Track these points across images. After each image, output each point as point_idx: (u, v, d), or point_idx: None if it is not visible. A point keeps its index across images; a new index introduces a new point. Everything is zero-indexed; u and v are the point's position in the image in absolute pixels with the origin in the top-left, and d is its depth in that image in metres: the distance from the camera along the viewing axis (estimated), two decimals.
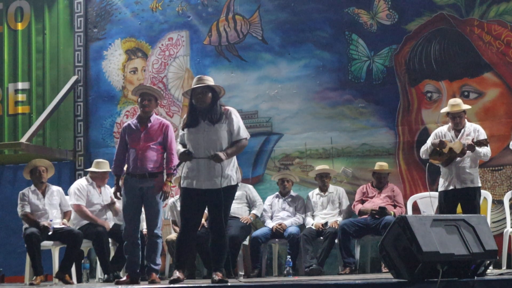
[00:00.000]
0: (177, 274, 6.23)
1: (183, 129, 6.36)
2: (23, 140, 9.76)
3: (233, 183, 6.26)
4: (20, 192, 8.19)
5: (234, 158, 6.33)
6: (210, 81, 6.39)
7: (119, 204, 8.42)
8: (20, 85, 10.75)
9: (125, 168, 7.08)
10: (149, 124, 6.97)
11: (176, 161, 6.80)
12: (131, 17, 10.47)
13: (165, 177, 6.94)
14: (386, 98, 9.25)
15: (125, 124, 7.17)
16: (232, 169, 6.27)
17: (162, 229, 8.84)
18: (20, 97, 10.74)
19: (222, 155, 6.14)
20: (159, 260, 6.98)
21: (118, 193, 7.04)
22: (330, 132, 9.41)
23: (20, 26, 10.87)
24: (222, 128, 6.22)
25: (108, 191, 8.51)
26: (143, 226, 8.77)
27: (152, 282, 6.79)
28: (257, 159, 9.63)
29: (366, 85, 9.36)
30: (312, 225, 8.67)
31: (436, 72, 9.10)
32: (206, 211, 6.47)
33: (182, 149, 6.29)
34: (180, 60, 10.17)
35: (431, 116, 9.01)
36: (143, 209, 7.02)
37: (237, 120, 6.30)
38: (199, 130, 6.23)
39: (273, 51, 9.78)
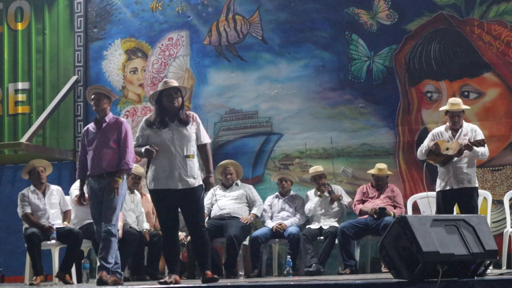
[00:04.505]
0: (167, 277, 6.21)
1: (147, 128, 6.31)
2: (23, 140, 9.76)
3: (200, 182, 6.32)
4: (20, 192, 8.19)
5: (197, 159, 6.38)
6: (176, 83, 6.46)
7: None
8: (20, 85, 10.75)
9: None
10: (104, 124, 6.93)
11: (130, 157, 6.80)
12: (131, 17, 10.47)
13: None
14: (386, 98, 9.25)
15: (84, 128, 7.15)
16: (198, 170, 6.35)
17: (156, 229, 8.90)
18: (20, 97, 10.74)
19: (211, 179, 6.33)
20: (111, 259, 6.76)
21: (81, 199, 6.96)
22: (330, 132, 9.41)
23: (20, 26, 10.87)
24: (192, 130, 6.31)
25: None
26: (144, 226, 8.78)
27: (101, 280, 6.60)
28: (257, 159, 9.63)
29: (366, 85, 9.36)
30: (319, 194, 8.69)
31: (436, 72, 9.10)
32: None
33: (143, 148, 6.26)
34: (180, 60, 10.18)
35: (431, 116, 9.00)
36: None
37: (201, 125, 6.44)
38: (171, 130, 6.26)
39: (273, 51, 9.78)
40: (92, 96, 7.00)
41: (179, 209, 6.37)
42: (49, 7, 10.78)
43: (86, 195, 7.01)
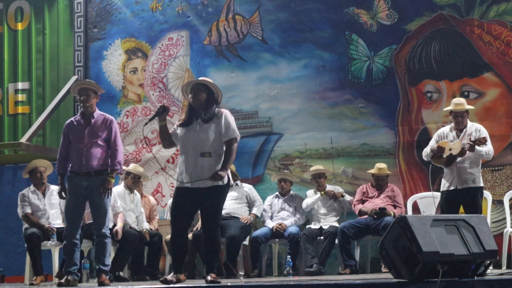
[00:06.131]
0: (169, 276, 6.20)
1: (177, 127, 6.36)
2: (23, 140, 9.76)
3: (220, 183, 6.20)
4: (20, 193, 8.19)
5: (222, 158, 6.27)
6: (209, 81, 6.42)
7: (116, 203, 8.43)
8: (20, 85, 10.75)
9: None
10: (92, 120, 6.81)
11: (121, 157, 6.79)
12: (131, 17, 10.47)
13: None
14: (386, 98, 9.25)
15: (68, 121, 7.01)
16: (217, 169, 6.20)
17: (157, 229, 8.91)
18: (20, 97, 10.74)
19: (222, 173, 6.14)
20: (108, 261, 6.80)
21: (63, 193, 6.83)
22: (330, 132, 9.41)
23: (20, 26, 10.87)
24: (211, 127, 6.22)
25: None
26: (144, 226, 8.78)
27: (102, 284, 6.63)
28: (257, 159, 9.63)
29: (366, 85, 9.36)
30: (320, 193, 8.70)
31: (436, 72, 9.10)
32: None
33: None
34: (180, 60, 10.17)
35: (431, 116, 9.01)
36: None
37: (227, 121, 6.26)
38: (190, 129, 6.26)
39: (273, 51, 9.78)
40: (80, 92, 6.86)
41: (191, 211, 6.32)
42: (49, 7, 10.77)
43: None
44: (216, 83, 9.89)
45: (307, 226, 8.74)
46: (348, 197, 8.80)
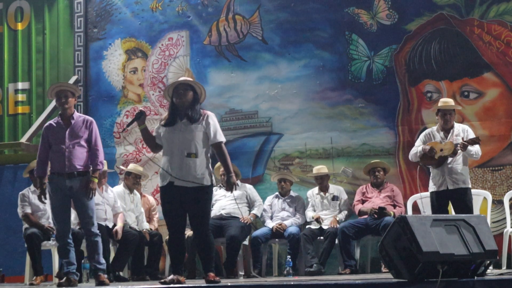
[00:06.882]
0: (170, 277, 6.20)
1: (161, 126, 6.33)
2: (23, 140, 9.77)
3: (205, 183, 6.19)
4: (20, 193, 8.19)
5: (209, 160, 6.29)
6: (195, 81, 6.49)
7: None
8: (20, 85, 10.75)
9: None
10: (72, 122, 6.84)
11: (103, 157, 6.84)
12: (131, 17, 10.47)
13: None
14: (386, 98, 9.25)
15: (47, 124, 7.02)
16: (205, 170, 6.21)
17: (157, 229, 8.91)
18: (20, 97, 10.74)
19: (232, 179, 6.24)
20: (103, 259, 6.86)
21: (43, 196, 6.84)
22: (330, 132, 9.41)
23: (20, 26, 10.87)
24: (198, 129, 6.21)
25: (110, 190, 8.51)
26: (144, 226, 8.78)
27: (101, 283, 6.66)
28: (257, 159, 9.63)
29: (366, 85, 9.37)
30: (312, 217, 8.62)
31: (436, 72, 9.10)
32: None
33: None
34: (180, 60, 10.17)
35: (431, 116, 8.99)
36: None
37: (214, 124, 6.29)
38: (175, 129, 6.23)
39: (273, 51, 9.79)
40: (57, 94, 6.87)
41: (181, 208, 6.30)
42: (49, 7, 10.78)
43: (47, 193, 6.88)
44: (216, 83, 9.93)
45: (307, 226, 8.73)
46: (341, 218, 8.73)
